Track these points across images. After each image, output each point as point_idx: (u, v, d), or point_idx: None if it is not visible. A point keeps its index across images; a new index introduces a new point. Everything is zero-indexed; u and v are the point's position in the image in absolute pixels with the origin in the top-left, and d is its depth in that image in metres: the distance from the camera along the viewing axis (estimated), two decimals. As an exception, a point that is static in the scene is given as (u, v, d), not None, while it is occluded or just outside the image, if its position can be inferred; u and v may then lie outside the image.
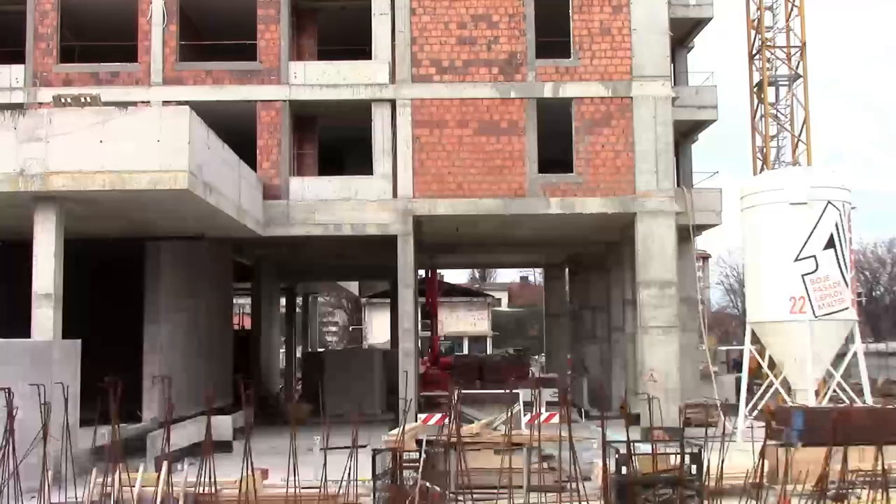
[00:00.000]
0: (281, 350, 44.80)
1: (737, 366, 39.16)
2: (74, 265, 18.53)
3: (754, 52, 35.26)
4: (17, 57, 24.21)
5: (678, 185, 27.84)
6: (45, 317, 16.87)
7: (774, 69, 35.17)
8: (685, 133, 29.29)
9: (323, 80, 24.17)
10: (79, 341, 17.18)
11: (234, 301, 34.89)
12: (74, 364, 16.86)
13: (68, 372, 16.31)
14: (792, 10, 34.78)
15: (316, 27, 25.91)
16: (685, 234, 26.53)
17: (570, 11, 24.13)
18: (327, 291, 59.82)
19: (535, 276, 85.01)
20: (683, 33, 28.80)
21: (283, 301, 44.15)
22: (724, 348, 48.67)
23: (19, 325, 17.14)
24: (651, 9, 24.08)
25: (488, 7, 24.12)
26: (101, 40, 25.35)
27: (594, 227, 26.26)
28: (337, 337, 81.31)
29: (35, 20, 23.98)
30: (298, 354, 45.36)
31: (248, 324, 39.21)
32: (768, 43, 34.97)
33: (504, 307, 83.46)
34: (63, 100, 18.62)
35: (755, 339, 21.99)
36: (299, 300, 48.79)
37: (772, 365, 22.51)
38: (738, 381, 24.97)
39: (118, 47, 24.76)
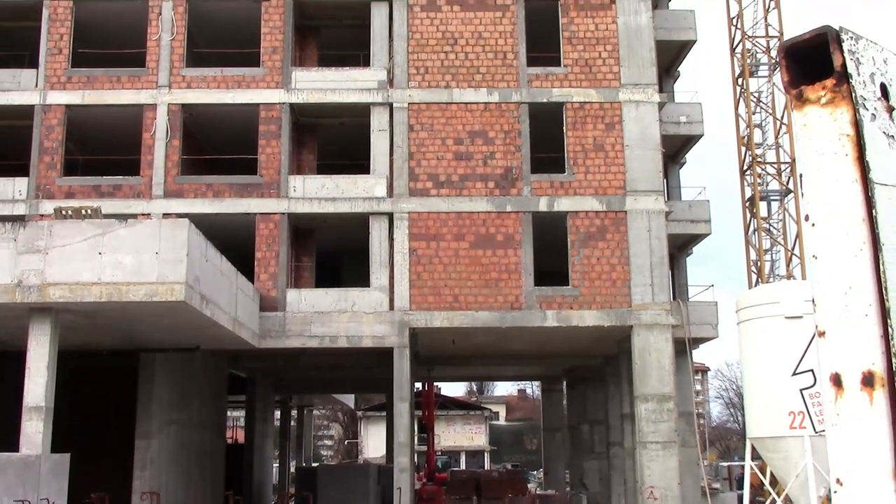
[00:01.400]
0: (274, 464, 43.93)
1: (739, 482, 38.39)
2: (66, 376, 18.37)
3: (745, 167, 36.00)
4: (21, 170, 24.64)
5: (674, 298, 27.93)
6: (34, 430, 16.60)
7: (765, 184, 35.85)
8: (680, 246, 29.59)
9: (322, 193, 24.55)
10: (68, 455, 16.87)
11: (228, 413, 34.42)
12: (63, 479, 16.51)
13: (56, 487, 15.96)
14: (781, 127, 35.68)
15: (316, 142, 26.49)
16: (682, 348, 26.44)
17: (565, 128, 24.74)
18: (323, 404, 59.10)
19: (534, 388, 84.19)
20: (675, 149, 29.46)
21: (277, 414, 43.57)
22: (725, 464, 47.79)
23: (5, 435, 16.86)
24: (643, 126, 24.70)
25: (484, 124, 24.74)
26: (104, 154, 25.88)
27: (591, 339, 26.20)
28: (332, 451, 79.87)
29: (41, 134, 24.52)
30: (292, 469, 44.47)
31: (241, 437, 38.57)
32: (759, 159, 35.74)
33: (502, 420, 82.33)
34: (64, 212, 18.85)
35: (756, 455, 21.61)
36: (294, 413, 48.17)
37: (774, 481, 22.06)
38: (741, 498, 24.43)
39: (121, 161, 25.25)
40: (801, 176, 1.81)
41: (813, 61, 1.78)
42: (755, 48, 36.60)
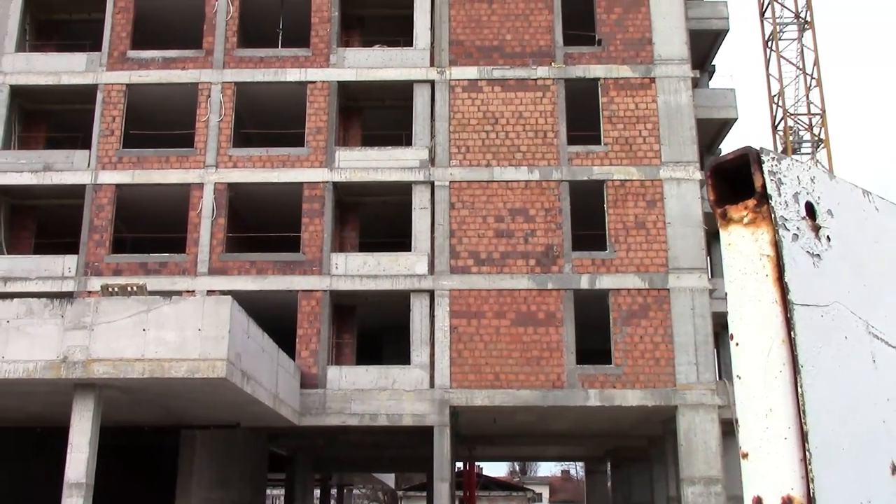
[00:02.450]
0: (313, 545, 43.28)
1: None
2: (107, 452, 18.42)
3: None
4: (70, 247, 25.21)
5: (719, 377, 27.38)
6: (74, 507, 16.59)
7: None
8: (725, 325, 29.07)
9: (363, 270, 24.71)
10: (106, 533, 16.80)
11: (268, 492, 34.13)
12: (99, 557, 16.41)
13: (92, 565, 15.85)
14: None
15: (358, 220, 26.78)
16: (729, 428, 25.77)
17: (605, 206, 24.76)
18: (363, 483, 58.40)
19: (577, 469, 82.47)
20: (716, 228, 29.18)
21: (317, 493, 43.14)
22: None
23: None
24: (685, 204, 24.63)
25: (525, 202, 24.85)
26: (151, 232, 26.42)
27: (635, 419, 25.71)
28: (372, 531, 78.59)
29: (91, 213, 25.13)
30: (331, 550, 43.76)
31: (280, 516, 38.16)
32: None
33: (545, 502, 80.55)
34: (110, 289, 19.17)
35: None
36: (334, 492, 47.65)
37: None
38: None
39: (167, 238, 25.73)
40: (726, 295, 1.81)
41: (740, 180, 1.81)
42: (797, 125, 36.56)
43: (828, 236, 1.81)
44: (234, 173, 25.37)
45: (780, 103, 36.75)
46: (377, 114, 27.82)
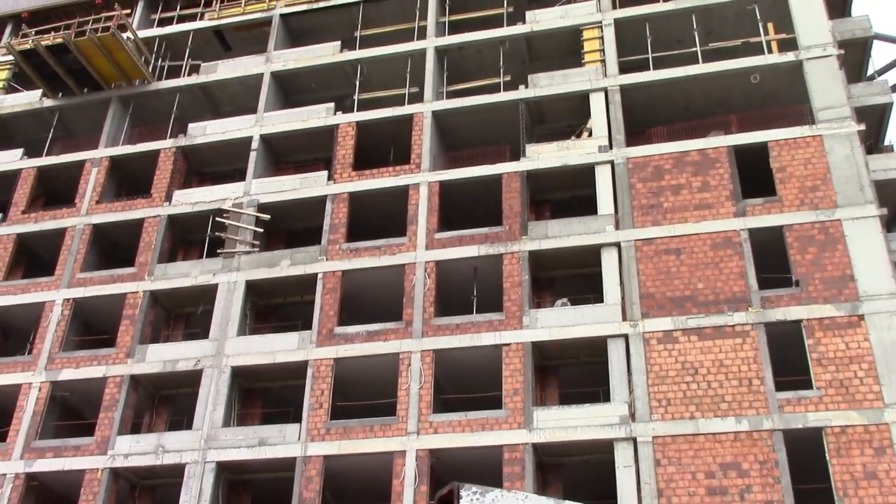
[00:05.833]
0: None
1: None
2: None
3: None
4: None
5: None
6: None
7: None
8: None
9: (569, 536, 23.57)
10: None
11: None
12: None
13: None
14: None
15: (560, 482, 25.94)
16: None
17: (827, 456, 22.78)
18: None
19: None
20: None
21: None
22: None
23: None
24: (919, 449, 22.31)
25: (736, 455, 23.35)
26: (356, 502, 26.67)
27: None
28: None
29: (300, 485, 25.76)
30: None
31: None
32: None
33: None
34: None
35: None
36: None
37: None
38: None
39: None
40: None
41: None
42: None
43: None
44: (435, 439, 25.62)
45: None
46: (573, 371, 27.73)
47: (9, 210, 34.45)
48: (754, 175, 28.02)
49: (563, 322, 26.49)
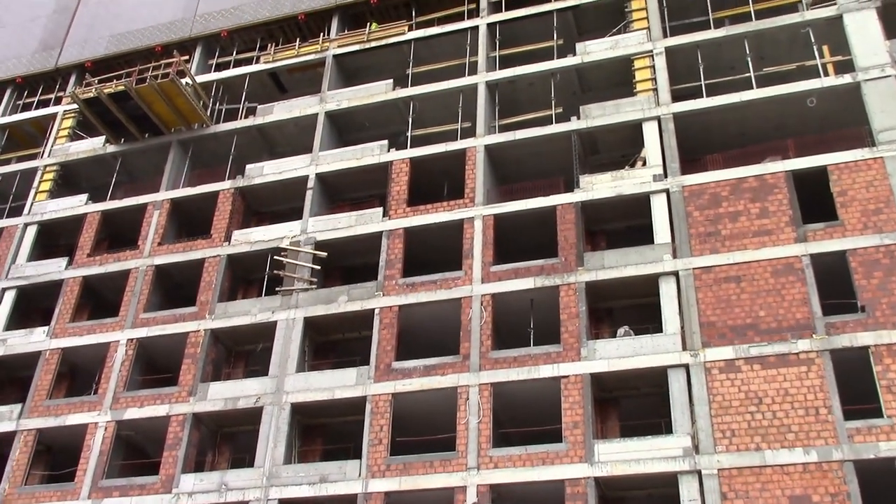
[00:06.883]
0: None
1: None
2: None
3: None
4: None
5: None
6: None
7: None
8: None
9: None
10: None
11: None
12: None
13: None
14: None
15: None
16: None
17: (902, 486, 22.07)
18: None
19: None
20: None
21: None
22: None
23: None
24: None
25: (806, 487, 22.70)
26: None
27: None
28: None
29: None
30: None
31: None
32: None
33: None
34: None
35: None
36: None
37: None
38: None
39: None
40: None
41: None
42: None
43: None
44: (496, 474, 25.40)
45: None
46: (633, 402, 27.34)
47: (74, 254, 35.41)
48: (814, 200, 27.52)
49: (621, 353, 26.18)
